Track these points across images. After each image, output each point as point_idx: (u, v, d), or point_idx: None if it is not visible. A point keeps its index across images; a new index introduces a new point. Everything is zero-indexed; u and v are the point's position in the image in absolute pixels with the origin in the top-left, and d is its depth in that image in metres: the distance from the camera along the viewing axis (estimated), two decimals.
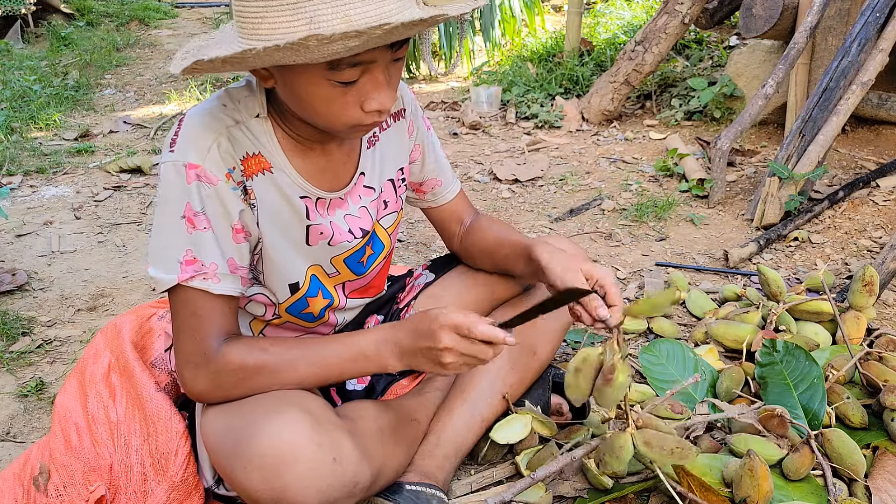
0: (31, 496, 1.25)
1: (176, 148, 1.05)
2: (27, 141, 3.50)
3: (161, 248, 1.06)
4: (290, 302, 1.23)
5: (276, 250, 1.15)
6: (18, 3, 5.55)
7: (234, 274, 1.10)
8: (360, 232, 1.25)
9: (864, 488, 1.25)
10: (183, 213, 1.04)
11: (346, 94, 0.99)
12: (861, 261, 2.17)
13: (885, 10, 2.49)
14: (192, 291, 1.06)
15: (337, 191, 1.21)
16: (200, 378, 1.08)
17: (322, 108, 1.01)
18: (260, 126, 1.10)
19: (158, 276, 1.06)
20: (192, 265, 1.05)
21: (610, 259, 2.27)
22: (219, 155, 1.05)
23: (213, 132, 1.05)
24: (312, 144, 1.15)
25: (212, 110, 1.07)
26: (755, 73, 3.31)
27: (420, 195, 1.42)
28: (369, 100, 1.00)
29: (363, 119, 1.02)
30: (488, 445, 1.36)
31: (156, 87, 4.62)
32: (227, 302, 1.10)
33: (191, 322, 1.07)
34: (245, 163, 1.08)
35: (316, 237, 1.19)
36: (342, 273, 1.28)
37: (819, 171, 2.36)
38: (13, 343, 1.86)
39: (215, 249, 1.07)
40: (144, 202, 2.81)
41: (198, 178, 1.04)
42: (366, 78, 0.98)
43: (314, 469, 0.99)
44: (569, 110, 3.63)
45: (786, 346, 1.47)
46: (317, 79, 0.97)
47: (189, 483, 1.22)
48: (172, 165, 1.04)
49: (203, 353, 1.07)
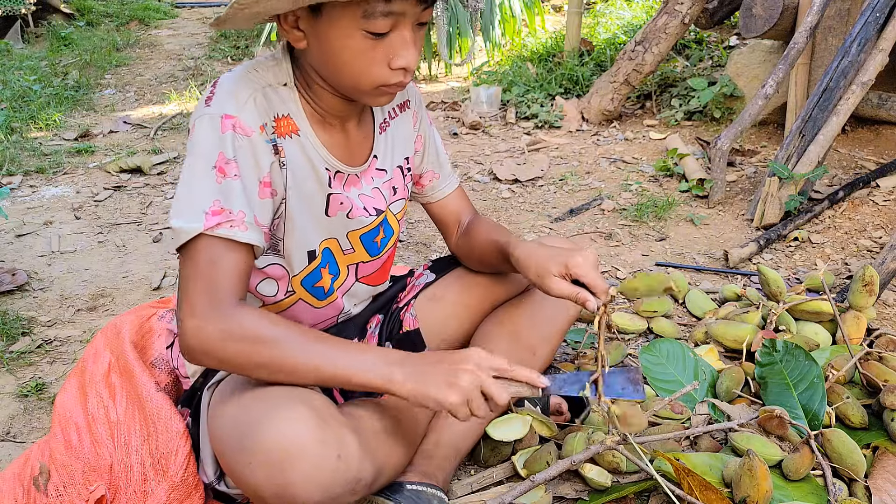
0: (31, 496, 1.25)
1: (213, 103, 1.08)
2: (27, 141, 3.50)
3: (187, 199, 1.04)
4: (306, 272, 1.25)
5: (296, 214, 1.18)
6: (18, 3, 5.55)
7: (258, 226, 1.08)
8: (375, 211, 1.29)
9: (864, 488, 1.26)
10: (214, 163, 1.05)
11: (376, 48, 1.04)
12: (861, 261, 2.17)
13: (885, 10, 2.49)
14: (215, 241, 1.03)
15: (354, 167, 1.25)
16: (206, 331, 1.00)
17: (353, 62, 1.05)
18: (288, 93, 1.15)
19: (181, 225, 1.02)
20: (218, 215, 1.03)
21: (610, 259, 2.27)
22: (255, 108, 1.09)
23: (250, 88, 1.10)
24: (333, 120, 1.19)
25: (245, 73, 1.13)
26: (755, 73, 3.31)
27: (419, 188, 1.45)
28: (397, 56, 1.05)
29: (389, 78, 1.07)
30: (489, 449, 1.36)
31: (156, 87, 4.62)
32: (247, 257, 1.07)
33: (209, 271, 1.02)
34: (278, 122, 1.13)
35: (336, 207, 1.22)
36: (357, 251, 1.30)
37: (819, 171, 2.36)
38: (13, 343, 1.86)
39: (243, 198, 1.06)
40: (144, 202, 2.81)
41: (233, 129, 1.06)
42: (395, 34, 1.04)
43: (318, 465, 1.00)
44: (569, 110, 3.63)
45: (786, 345, 1.47)
46: (350, 30, 1.01)
47: (189, 483, 1.22)
48: (209, 118, 1.07)
49: (217, 303, 1.01)
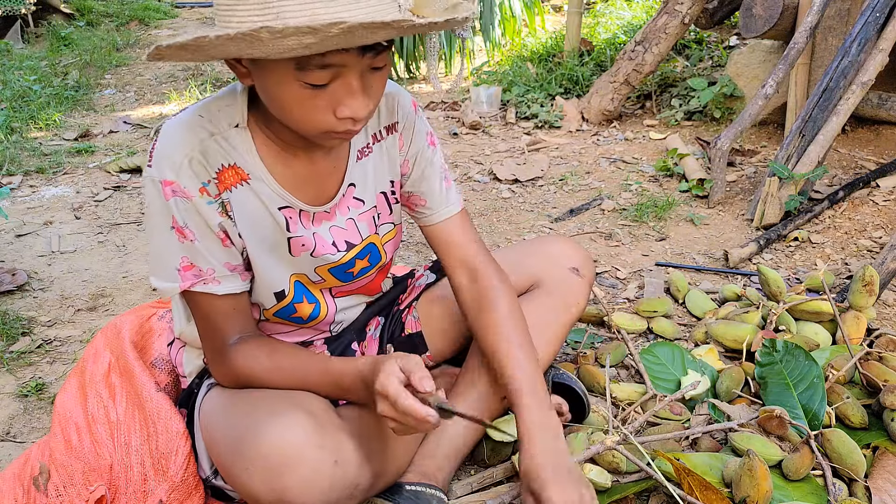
0: (31, 496, 1.25)
1: (153, 163, 1.06)
2: (27, 141, 3.50)
3: (158, 258, 1.10)
4: (276, 308, 1.24)
5: (259, 260, 1.16)
6: (18, 3, 5.55)
7: (233, 272, 1.12)
8: (345, 245, 1.23)
9: (864, 488, 1.25)
10: (171, 224, 1.07)
11: (317, 97, 0.96)
12: (861, 261, 2.17)
13: (885, 10, 2.48)
14: (198, 295, 1.11)
15: (322, 203, 1.19)
16: (218, 373, 1.19)
17: (293, 109, 0.98)
18: (238, 136, 1.09)
19: (161, 285, 1.10)
20: (189, 270, 1.09)
21: (610, 259, 2.28)
22: (191, 170, 1.05)
23: (187, 146, 1.05)
24: (296, 151, 1.13)
25: (188, 122, 1.07)
26: (755, 73, 3.31)
27: (410, 210, 1.36)
28: (342, 106, 0.97)
29: (336, 126, 1.00)
30: (489, 449, 1.36)
31: (156, 87, 4.62)
32: (233, 301, 1.14)
33: (204, 325, 1.15)
34: (221, 175, 1.08)
35: (298, 249, 1.19)
36: (327, 280, 1.27)
37: (819, 171, 2.36)
38: (13, 343, 1.86)
39: (208, 256, 1.09)
40: (144, 202, 2.81)
41: (174, 194, 1.05)
42: (338, 83, 0.96)
43: (316, 471, 1.00)
44: (569, 110, 3.62)
45: (786, 345, 1.47)
46: (286, 78, 0.94)
47: (189, 483, 1.22)
48: (151, 181, 1.06)
49: (219, 352, 1.15)
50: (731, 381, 1.53)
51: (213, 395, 1.21)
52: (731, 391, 1.51)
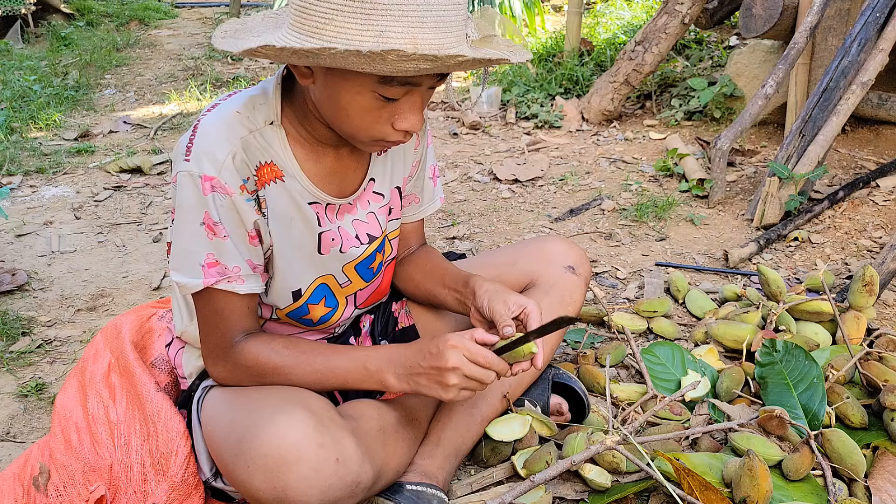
0: (31, 496, 1.25)
1: (191, 157, 1.06)
2: (27, 141, 3.50)
3: (183, 254, 1.09)
4: (290, 308, 1.25)
5: (283, 259, 1.17)
6: (18, 3, 5.55)
7: (255, 272, 1.13)
8: (367, 238, 1.27)
9: (864, 488, 1.25)
10: (202, 220, 1.07)
11: (384, 108, 1.02)
12: (861, 261, 2.17)
13: (885, 10, 2.49)
14: (218, 292, 1.11)
15: (345, 196, 1.22)
16: (220, 368, 1.17)
17: (357, 116, 1.03)
18: (273, 133, 1.11)
19: (183, 280, 1.09)
20: (214, 267, 1.09)
21: (610, 259, 2.28)
22: (234, 166, 1.06)
23: (229, 143, 1.06)
24: (326, 148, 1.17)
25: (227, 118, 1.08)
26: (755, 73, 3.31)
27: None
28: (402, 119, 1.03)
29: (389, 135, 1.06)
30: (490, 449, 1.36)
31: (156, 87, 4.62)
32: (249, 300, 1.15)
33: (215, 319, 1.14)
34: (259, 171, 1.10)
35: (328, 245, 1.21)
36: (353, 282, 1.29)
37: (819, 171, 2.36)
38: (13, 343, 1.86)
39: (236, 254, 1.10)
40: (144, 202, 2.81)
41: (213, 190, 1.05)
42: (407, 98, 1.02)
43: (317, 469, 1.00)
44: (569, 110, 3.62)
45: (786, 345, 1.47)
46: (364, 89, 0.99)
47: (189, 483, 1.22)
48: (189, 176, 1.05)
49: (224, 347, 1.15)
50: (731, 381, 1.53)
51: (214, 395, 1.21)
52: (731, 391, 1.51)
